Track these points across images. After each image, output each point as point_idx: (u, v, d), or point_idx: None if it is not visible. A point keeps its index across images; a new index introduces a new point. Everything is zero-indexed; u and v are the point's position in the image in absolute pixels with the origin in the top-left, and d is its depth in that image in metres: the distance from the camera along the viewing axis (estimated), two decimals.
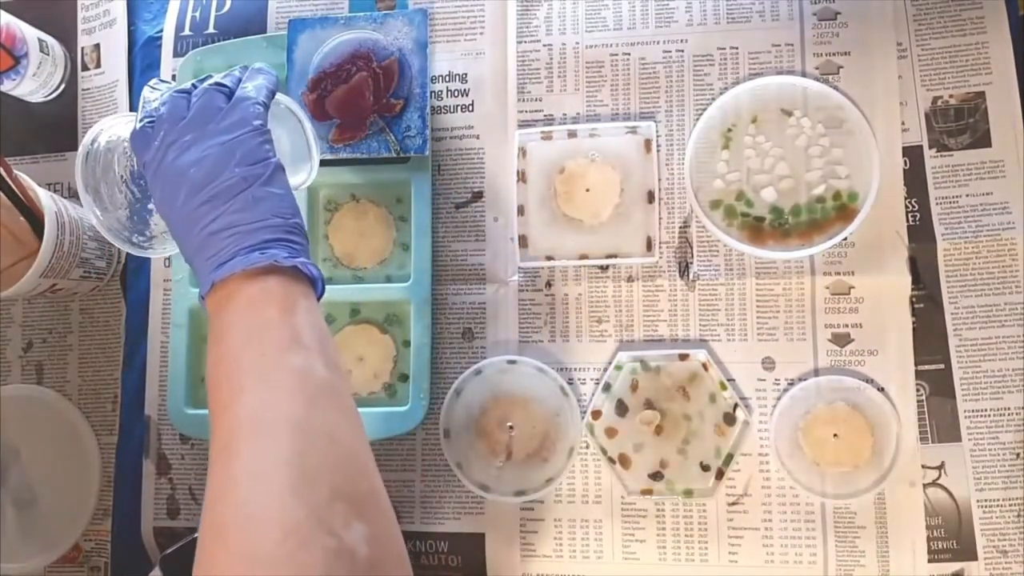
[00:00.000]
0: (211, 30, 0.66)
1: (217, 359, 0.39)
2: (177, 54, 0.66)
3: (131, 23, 0.68)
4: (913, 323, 0.56)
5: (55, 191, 0.64)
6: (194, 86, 0.45)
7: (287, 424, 0.35)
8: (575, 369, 0.59)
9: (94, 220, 0.50)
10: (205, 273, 0.41)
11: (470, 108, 0.63)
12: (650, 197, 0.59)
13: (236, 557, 0.31)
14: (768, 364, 0.57)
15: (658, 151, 0.60)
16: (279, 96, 0.49)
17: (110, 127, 0.51)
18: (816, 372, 0.57)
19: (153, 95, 0.46)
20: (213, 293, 0.40)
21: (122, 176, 0.51)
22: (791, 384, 0.57)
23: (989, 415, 0.55)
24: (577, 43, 0.62)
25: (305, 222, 0.50)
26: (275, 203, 0.42)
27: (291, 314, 0.39)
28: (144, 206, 0.51)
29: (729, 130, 0.59)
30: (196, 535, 0.53)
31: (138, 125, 0.44)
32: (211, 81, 0.45)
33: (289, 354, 0.37)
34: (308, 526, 0.32)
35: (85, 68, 0.68)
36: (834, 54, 0.59)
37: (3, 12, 0.62)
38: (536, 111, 0.62)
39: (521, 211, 0.60)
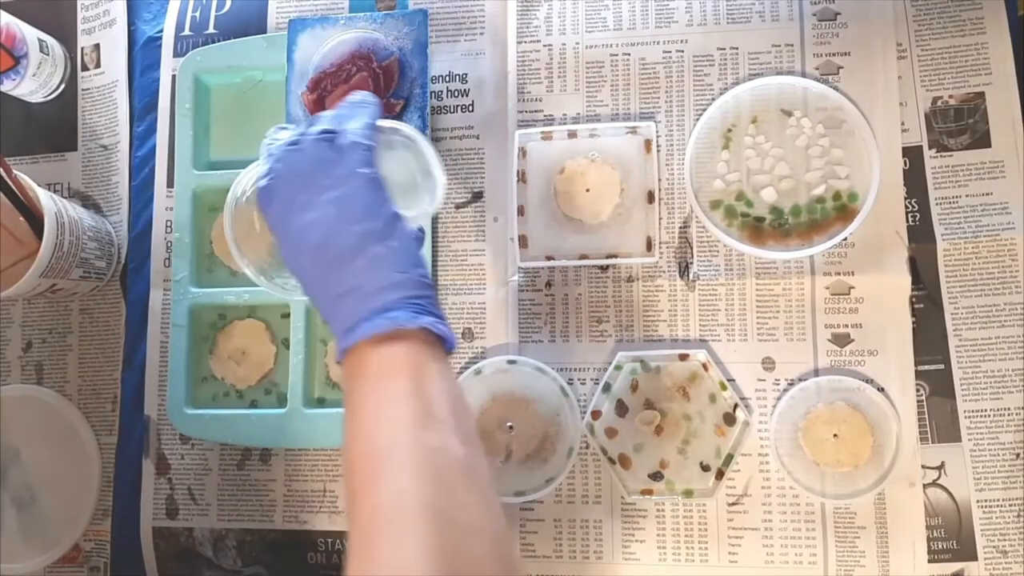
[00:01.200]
0: (211, 30, 0.66)
1: (352, 438, 0.37)
2: (177, 54, 0.66)
3: (131, 23, 0.68)
4: (913, 323, 0.56)
5: (55, 191, 0.64)
6: (305, 133, 0.43)
7: (428, 514, 0.33)
8: (575, 369, 0.59)
9: (248, 271, 0.48)
10: (338, 339, 0.40)
11: (470, 108, 0.63)
12: (650, 197, 0.59)
13: None
14: (768, 364, 0.57)
15: (658, 151, 0.60)
16: (383, 122, 0.46)
17: (252, 176, 0.48)
18: (816, 372, 0.57)
19: (274, 143, 0.44)
20: (346, 360, 0.39)
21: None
22: (791, 384, 0.57)
23: (989, 415, 0.55)
24: (577, 43, 0.62)
25: None
26: (396, 258, 0.40)
27: (422, 384, 0.37)
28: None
29: (729, 130, 0.59)
30: None
31: (262, 182, 0.43)
32: (316, 128, 0.43)
33: (424, 432, 0.36)
34: None
35: (85, 68, 0.68)
36: (834, 54, 0.59)
37: (3, 12, 0.62)
38: (536, 111, 0.62)
39: (521, 211, 0.60)
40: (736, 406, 0.57)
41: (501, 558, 0.34)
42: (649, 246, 0.59)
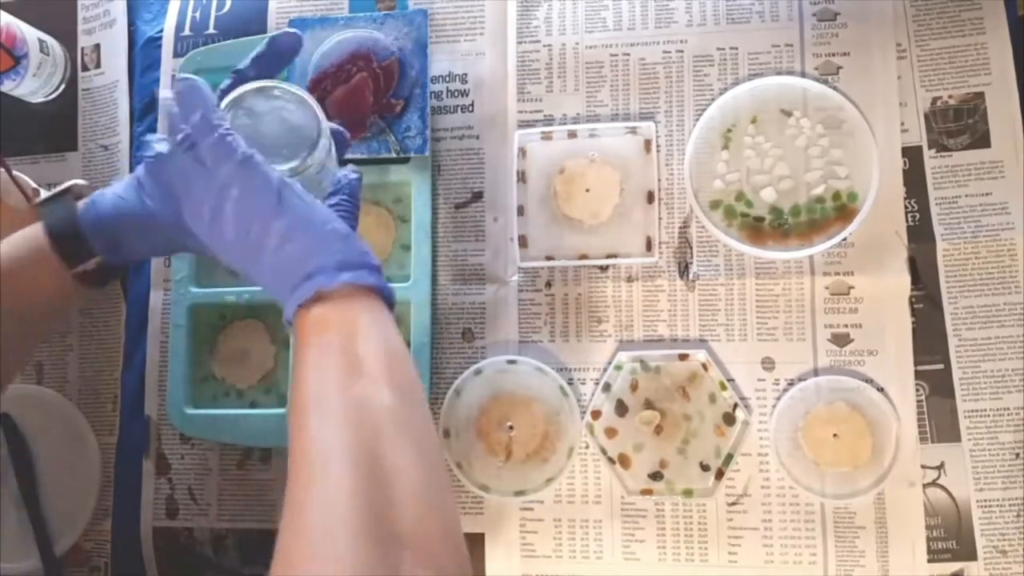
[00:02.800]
0: (211, 30, 0.66)
1: (291, 392, 0.39)
2: (177, 54, 0.66)
3: (131, 23, 0.68)
4: (913, 323, 0.56)
5: None
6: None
7: (349, 457, 0.34)
8: (575, 369, 0.59)
9: None
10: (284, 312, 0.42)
11: (470, 108, 0.63)
12: (650, 197, 0.59)
13: None
14: (768, 364, 0.57)
15: (658, 151, 0.60)
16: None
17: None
18: (816, 372, 0.57)
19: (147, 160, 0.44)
20: (293, 330, 0.41)
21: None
22: (791, 384, 0.57)
23: (988, 415, 0.55)
24: (577, 43, 0.62)
25: None
26: (299, 226, 0.40)
27: (351, 337, 0.38)
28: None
29: (729, 130, 0.59)
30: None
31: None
32: (173, 140, 0.42)
33: (349, 382, 0.37)
34: (371, 568, 0.31)
35: (85, 68, 0.68)
36: (834, 54, 0.59)
37: (3, 12, 0.62)
38: (536, 111, 0.62)
39: (521, 211, 0.60)
40: (736, 406, 0.57)
41: (427, 500, 0.35)
42: (649, 246, 0.59)
